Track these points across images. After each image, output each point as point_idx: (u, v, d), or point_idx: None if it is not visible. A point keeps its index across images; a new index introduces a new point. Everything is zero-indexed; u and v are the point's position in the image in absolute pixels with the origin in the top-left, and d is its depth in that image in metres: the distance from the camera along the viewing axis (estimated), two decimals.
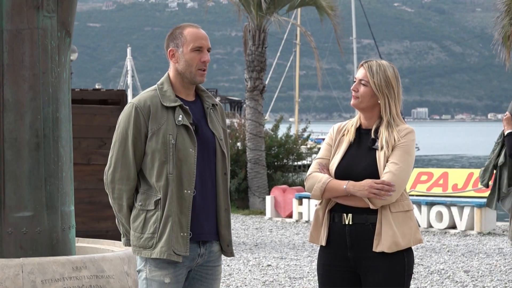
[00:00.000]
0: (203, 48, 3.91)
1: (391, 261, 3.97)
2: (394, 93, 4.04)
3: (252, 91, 17.43)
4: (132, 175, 3.88)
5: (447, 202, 13.38)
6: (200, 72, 3.92)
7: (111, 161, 3.92)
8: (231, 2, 17.97)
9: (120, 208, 3.92)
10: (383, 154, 3.99)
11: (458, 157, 64.33)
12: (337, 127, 4.19)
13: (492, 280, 9.07)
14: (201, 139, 3.91)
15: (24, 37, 4.77)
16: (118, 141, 3.89)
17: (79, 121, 8.55)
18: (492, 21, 16.05)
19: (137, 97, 3.95)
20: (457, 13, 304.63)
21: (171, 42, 3.94)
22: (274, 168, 17.96)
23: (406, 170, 3.98)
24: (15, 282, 4.41)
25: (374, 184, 3.91)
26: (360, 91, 4.06)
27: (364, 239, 3.98)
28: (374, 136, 4.04)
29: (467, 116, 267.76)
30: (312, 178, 4.07)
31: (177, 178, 3.84)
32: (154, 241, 3.84)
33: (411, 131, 4.05)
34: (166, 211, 3.83)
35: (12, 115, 4.75)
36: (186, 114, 3.89)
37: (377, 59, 4.12)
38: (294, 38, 46.63)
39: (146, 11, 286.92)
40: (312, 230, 4.12)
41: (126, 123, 3.88)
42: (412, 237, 4.00)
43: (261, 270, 9.66)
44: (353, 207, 3.99)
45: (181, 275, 3.90)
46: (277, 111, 63.18)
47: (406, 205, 4.02)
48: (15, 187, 4.75)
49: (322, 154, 4.15)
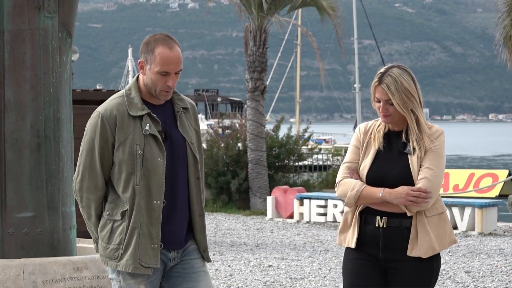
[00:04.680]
0: (170, 73, 3.77)
1: (421, 267, 3.96)
2: (416, 101, 3.96)
3: (253, 91, 17.43)
4: (100, 185, 3.81)
5: (448, 202, 13.36)
6: (164, 92, 3.80)
7: (78, 170, 3.86)
8: (232, 2, 17.97)
9: (89, 216, 3.86)
10: (416, 158, 3.93)
11: (459, 157, 64.31)
12: (364, 128, 4.08)
13: (493, 280, 9.07)
14: (171, 146, 3.83)
15: (25, 38, 4.77)
16: (85, 150, 3.83)
17: (80, 122, 8.52)
18: (493, 21, 16.05)
19: (103, 105, 3.85)
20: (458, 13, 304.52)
21: (142, 53, 3.83)
22: (275, 169, 17.95)
23: (440, 175, 3.95)
24: (16, 282, 4.41)
25: (411, 191, 3.86)
26: (390, 110, 3.95)
27: (398, 243, 3.95)
28: (404, 140, 3.98)
29: (468, 117, 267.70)
30: (344, 184, 3.99)
31: (146, 189, 3.76)
32: (119, 253, 3.78)
33: (442, 133, 4.02)
34: (132, 222, 3.76)
35: (13, 115, 4.75)
36: (154, 122, 3.80)
37: (389, 71, 3.97)
38: (295, 38, 46.61)
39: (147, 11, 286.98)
40: (340, 232, 4.07)
41: (93, 133, 3.81)
42: (447, 240, 4.00)
43: (262, 271, 9.65)
44: (383, 211, 3.95)
45: (156, 280, 3.85)
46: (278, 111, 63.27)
47: (440, 207, 3.99)
48: (16, 188, 4.75)
49: (351, 157, 4.05)
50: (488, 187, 13.88)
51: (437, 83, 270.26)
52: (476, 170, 14.63)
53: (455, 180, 14.34)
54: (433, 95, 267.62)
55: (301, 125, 35.40)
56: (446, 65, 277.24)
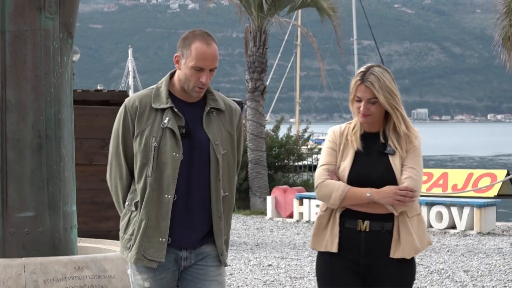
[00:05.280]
0: (205, 69, 3.75)
1: (402, 269, 3.94)
2: (399, 100, 3.95)
3: (253, 92, 17.46)
4: (124, 174, 3.82)
5: (447, 202, 13.40)
6: (197, 89, 3.78)
7: (108, 158, 3.90)
8: (232, 3, 17.99)
9: (118, 204, 3.89)
10: (398, 158, 3.91)
11: (458, 157, 64.29)
12: (339, 131, 4.02)
13: (492, 280, 9.10)
14: (192, 143, 3.77)
15: (27, 38, 4.78)
16: (112, 139, 3.87)
17: (81, 122, 8.56)
18: (492, 22, 16.08)
19: (130, 96, 3.89)
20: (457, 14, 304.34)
21: (179, 47, 3.80)
22: (275, 169, 17.98)
23: (421, 174, 3.94)
24: (18, 282, 4.42)
25: (398, 191, 3.84)
26: (371, 109, 3.92)
27: (380, 246, 3.91)
28: (382, 140, 3.96)
29: (466, 117, 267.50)
30: (326, 186, 3.92)
31: (157, 182, 3.73)
32: (131, 244, 3.78)
33: (418, 133, 4.00)
34: (141, 214, 3.76)
35: (14, 116, 4.76)
36: (176, 117, 3.76)
37: (370, 70, 3.94)
38: (295, 39, 46.62)
39: (148, 12, 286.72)
40: (315, 235, 3.99)
41: (117, 122, 3.84)
42: (425, 240, 3.96)
43: (262, 270, 9.68)
44: (368, 214, 3.90)
45: (164, 279, 3.79)
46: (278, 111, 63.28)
47: (418, 208, 3.97)
48: (17, 188, 4.76)
49: (328, 160, 3.99)
50: (487, 187, 13.90)
51: (436, 84, 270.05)
52: (474, 170, 14.66)
53: (454, 180, 14.36)
54: (432, 96, 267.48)
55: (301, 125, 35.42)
56: (445, 66, 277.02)
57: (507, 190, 14.40)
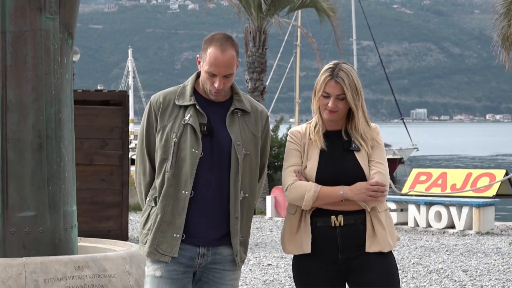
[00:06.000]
0: (218, 75, 3.75)
1: (385, 259, 3.89)
2: (362, 98, 3.91)
3: (252, 92, 17.48)
4: (148, 171, 3.84)
5: (445, 202, 13.41)
6: (213, 92, 3.80)
7: (136, 155, 3.94)
8: (232, 3, 18.01)
9: (142, 202, 3.91)
10: (364, 154, 3.90)
11: (457, 157, 64.34)
12: (300, 131, 3.99)
13: (491, 279, 9.11)
14: (213, 142, 3.78)
15: (27, 39, 4.78)
16: (138, 136, 3.91)
17: (81, 122, 8.59)
18: (491, 22, 16.10)
19: (157, 93, 3.92)
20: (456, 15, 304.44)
21: (201, 50, 3.83)
22: (274, 168, 18.02)
23: (387, 169, 3.93)
24: (18, 281, 4.42)
25: (369, 186, 3.83)
26: (339, 106, 3.89)
27: (356, 239, 3.88)
28: (346, 138, 3.93)
29: (465, 117, 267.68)
30: (297, 187, 3.86)
31: (175, 178, 3.74)
32: (147, 238, 3.80)
33: (378, 129, 3.99)
34: (157, 208, 3.78)
35: (15, 116, 4.77)
36: (198, 114, 3.77)
37: (339, 66, 3.92)
38: (295, 39, 46.62)
39: (148, 12, 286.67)
40: (287, 240, 3.92)
41: (143, 118, 3.88)
42: (395, 236, 3.94)
43: (261, 270, 9.70)
44: (339, 210, 3.86)
45: (176, 272, 3.78)
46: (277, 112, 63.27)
47: (385, 203, 3.96)
48: (18, 187, 4.76)
49: (294, 161, 3.93)
50: (485, 186, 13.92)
51: (435, 84, 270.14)
52: (473, 170, 14.69)
53: (452, 179, 14.38)
54: (431, 96, 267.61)
55: None
56: (444, 66, 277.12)
57: (506, 190, 14.42)
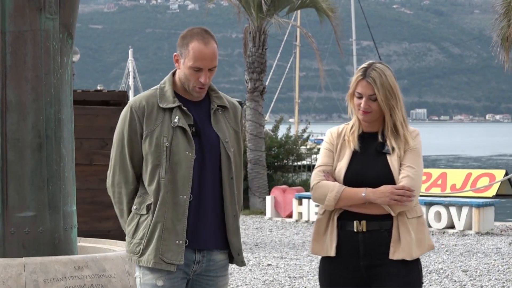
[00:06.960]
0: (203, 69, 3.66)
1: (407, 268, 3.79)
2: (398, 99, 3.83)
3: (252, 92, 17.48)
4: (131, 179, 3.72)
5: (445, 202, 13.42)
6: (197, 89, 3.70)
7: (110, 164, 3.78)
8: (232, 4, 18.01)
9: (121, 213, 3.78)
10: (396, 157, 3.80)
11: (457, 157, 64.34)
12: (336, 132, 3.93)
13: (490, 279, 9.12)
14: (203, 142, 3.70)
15: (27, 39, 4.78)
16: (115, 143, 3.75)
17: (81, 122, 8.58)
18: (491, 22, 16.11)
19: (135, 97, 3.78)
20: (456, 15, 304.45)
21: (178, 46, 3.71)
22: (274, 169, 18.01)
23: (421, 174, 3.82)
24: (18, 281, 4.42)
25: (395, 190, 3.72)
26: (372, 106, 3.82)
27: (380, 246, 3.79)
28: (381, 140, 3.85)
29: (465, 117, 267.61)
30: (321, 187, 3.82)
31: (171, 183, 3.64)
32: (141, 247, 3.68)
33: (418, 133, 3.90)
34: (155, 216, 3.65)
35: (14, 116, 4.77)
36: (184, 115, 3.68)
37: (373, 66, 3.86)
38: (294, 39, 46.65)
39: (148, 13, 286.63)
40: (314, 241, 3.89)
41: (122, 123, 3.73)
42: (426, 244, 3.83)
43: (261, 270, 9.70)
44: (364, 214, 3.79)
45: (176, 279, 3.70)
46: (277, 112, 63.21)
47: (419, 210, 3.84)
48: (17, 187, 4.76)
49: (325, 161, 3.89)
50: (485, 186, 13.93)
51: (435, 84, 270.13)
52: (473, 170, 14.70)
53: (452, 180, 14.39)
54: (430, 96, 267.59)
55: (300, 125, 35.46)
56: (444, 66, 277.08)
57: (506, 190, 14.43)
